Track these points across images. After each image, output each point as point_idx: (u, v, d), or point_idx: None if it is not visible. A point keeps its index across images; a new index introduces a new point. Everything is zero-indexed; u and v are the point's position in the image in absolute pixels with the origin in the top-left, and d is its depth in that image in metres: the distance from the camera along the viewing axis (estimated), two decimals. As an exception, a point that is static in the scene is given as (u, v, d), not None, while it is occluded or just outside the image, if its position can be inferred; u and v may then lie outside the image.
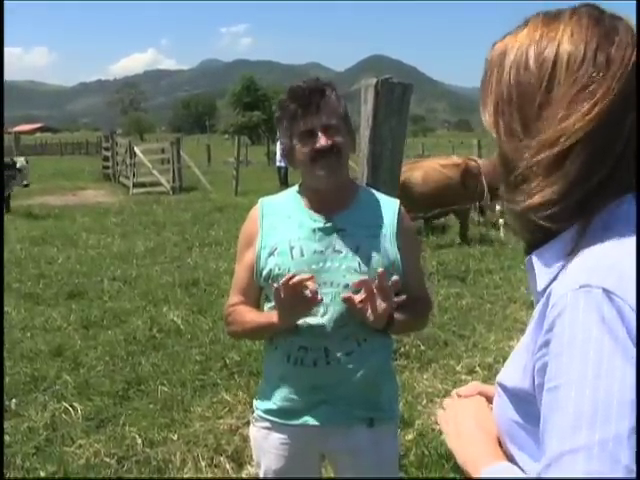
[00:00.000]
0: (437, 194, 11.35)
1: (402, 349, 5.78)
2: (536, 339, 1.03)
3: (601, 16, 1.08)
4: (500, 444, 1.18)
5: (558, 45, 1.06)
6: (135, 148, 24.19)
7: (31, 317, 7.08)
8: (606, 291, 0.95)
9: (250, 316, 2.40)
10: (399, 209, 2.44)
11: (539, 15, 1.13)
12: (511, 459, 1.15)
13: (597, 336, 0.93)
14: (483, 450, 1.18)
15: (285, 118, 2.30)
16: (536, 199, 1.04)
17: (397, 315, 2.29)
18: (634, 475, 0.88)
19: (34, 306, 7.59)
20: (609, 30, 1.05)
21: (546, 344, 0.99)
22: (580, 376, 0.92)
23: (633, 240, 1.01)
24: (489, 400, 1.28)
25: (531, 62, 1.08)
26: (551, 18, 1.10)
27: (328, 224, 2.33)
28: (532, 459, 1.08)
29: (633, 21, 1.10)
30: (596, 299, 0.95)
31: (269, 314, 2.34)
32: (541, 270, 1.10)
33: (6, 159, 16.55)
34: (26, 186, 16.30)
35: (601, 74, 1.02)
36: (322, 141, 2.24)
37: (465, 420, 1.26)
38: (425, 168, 11.89)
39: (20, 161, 15.88)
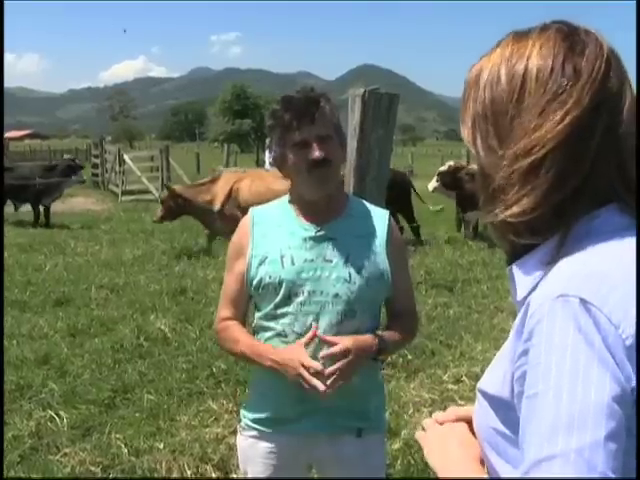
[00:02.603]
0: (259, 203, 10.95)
1: (389, 358, 5.77)
2: (515, 348, 1.05)
3: (570, 31, 1.11)
4: (483, 464, 1.19)
5: (527, 59, 1.10)
6: (124, 155, 24.13)
7: (18, 325, 7.04)
8: (583, 301, 0.97)
9: (241, 347, 2.39)
10: (389, 220, 2.45)
11: (510, 34, 1.17)
12: (490, 466, 1.16)
13: (573, 345, 0.95)
14: (466, 469, 1.20)
15: (278, 127, 2.30)
16: (514, 209, 1.07)
17: (386, 339, 2.32)
18: None
19: (21, 313, 7.55)
20: (577, 43, 1.09)
21: (525, 353, 1.01)
22: (557, 384, 0.94)
23: (611, 250, 1.03)
24: (469, 423, 1.29)
25: (502, 78, 1.12)
26: (521, 36, 1.14)
27: (319, 233, 2.34)
28: (511, 465, 1.09)
29: (603, 35, 1.12)
30: (573, 309, 0.97)
31: (260, 350, 2.32)
32: (521, 280, 1.12)
33: (66, 156, 17.49)
34: (82, 182, 17.65)
35: (570, 84, 1.05)
36: (316, 153, 2.25)
37: (450, 440, 1.27)
38: (252, 176, 11.71)
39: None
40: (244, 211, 10.40)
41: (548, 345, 0.97)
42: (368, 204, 2.53)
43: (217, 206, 11.13)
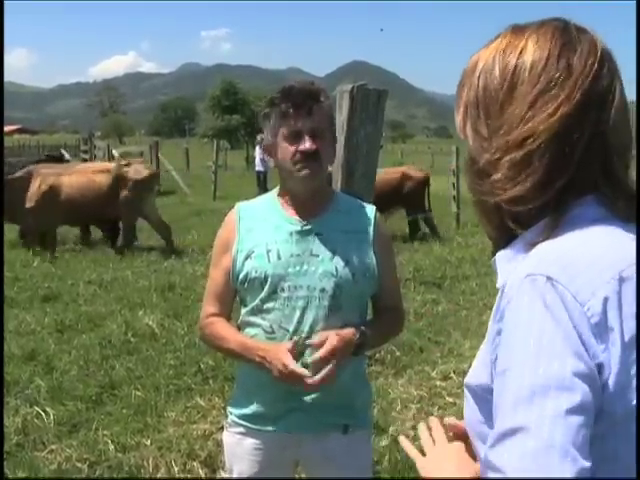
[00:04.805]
0: (83, 200, 11.02)
1: (377, 355, 5.78)
2: (491, 331, 1.09)
3: (566, 27, 1.14)
4: None
5: (521, 51, 1.12)
6: (113, 151, 24.06)
7: (5, 321, 7.01)
8: (549, 279, 1.00)
9: (229, 344, 2.37)
10: (375, 215, 2.44)
11: (509, 27, 1.19)
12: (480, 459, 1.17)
13: (539, 320, 0.98)
14: None
15: (274, 115, 2.28)
16: (515, 193, 1.09)
17: (368, 334, 2.30)
18: (570, 455, 0.91)
19: (8, 309, 7.50)
20: (572, 40, 1.11)
21: (498, 333, 1.05)
22: (522, 359, 0.97)
23: (584, 238, 1.07)
24: (459, 435, 1.32)
25: (496, 67, 1.15)
26: (519, 29, 1.17)
27: (305, 227, 2.33)
28: None
29: (598, 34, 1.14)
30: (539, 286, 1.00)
31: (248, 345, 2.30)
32: (503, 267, 1.16)
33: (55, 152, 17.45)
34: None
35: (562, 77, 1.08)
36: (307, 144, 2.23)
37: (447, 464, 1.29)
38: (74, 171, 11.63)
39: (64, 152, 16.49)
40: (62, 206, 10.00)
41: (515, 321, 1.01)
42: (355, 200, 2.52)
43: (31, 203, 11.06)
